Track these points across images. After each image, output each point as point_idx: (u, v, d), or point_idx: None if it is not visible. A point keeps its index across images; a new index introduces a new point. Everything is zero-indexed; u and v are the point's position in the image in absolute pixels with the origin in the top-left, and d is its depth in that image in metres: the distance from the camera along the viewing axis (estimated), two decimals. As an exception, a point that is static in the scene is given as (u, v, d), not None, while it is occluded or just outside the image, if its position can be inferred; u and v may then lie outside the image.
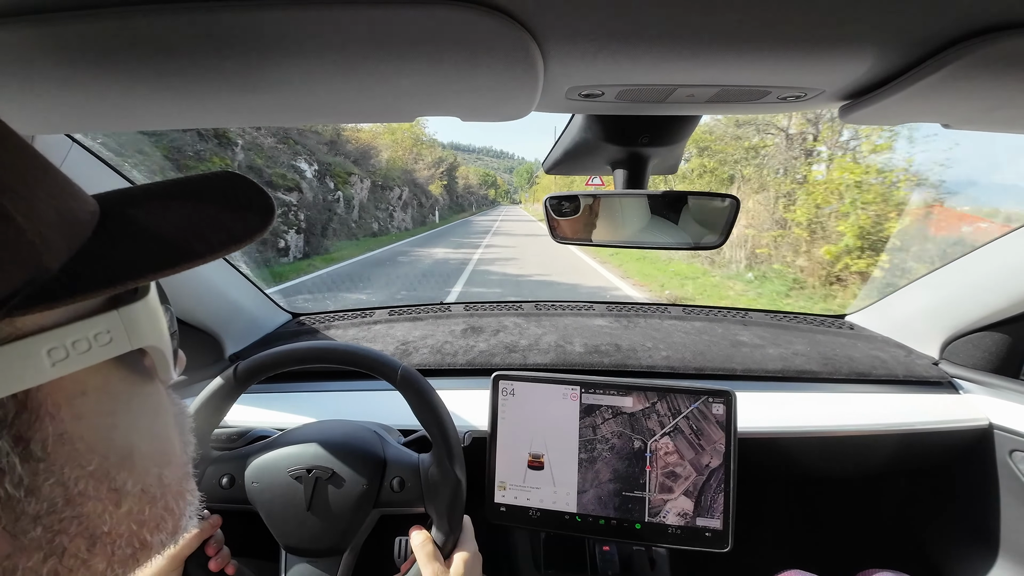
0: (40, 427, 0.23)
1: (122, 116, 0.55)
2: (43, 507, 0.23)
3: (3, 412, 0.22)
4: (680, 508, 0.86)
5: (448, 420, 0.75)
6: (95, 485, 0.25)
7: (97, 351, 0.25)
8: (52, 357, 0.23)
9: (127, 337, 0.26)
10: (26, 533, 0.23)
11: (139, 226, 0.27)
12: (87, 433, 0.25)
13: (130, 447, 0.28)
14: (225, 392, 0.74)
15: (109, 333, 0.25)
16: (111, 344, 0.26)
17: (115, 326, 0.26)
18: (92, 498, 0.25)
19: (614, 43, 0.40)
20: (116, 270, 0.24)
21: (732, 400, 0.86)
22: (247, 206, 0.30)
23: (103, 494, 0.26)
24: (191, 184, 0.30)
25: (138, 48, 0.39)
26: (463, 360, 1.15)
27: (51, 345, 0.23)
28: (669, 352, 1.17)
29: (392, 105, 0.54)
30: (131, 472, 0.27)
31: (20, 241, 0.21)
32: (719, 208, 0.78)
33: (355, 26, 0.36)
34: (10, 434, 0.22)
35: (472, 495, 0.79)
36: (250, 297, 1.21)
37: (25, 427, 0.22)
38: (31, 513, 0.23)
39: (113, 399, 0.27)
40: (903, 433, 1.04)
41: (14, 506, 0.22)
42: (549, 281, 9.74)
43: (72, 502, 0.24)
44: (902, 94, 0.46)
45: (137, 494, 0.27)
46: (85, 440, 0.25)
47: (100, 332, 0.25)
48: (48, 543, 0.23)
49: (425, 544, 0.70)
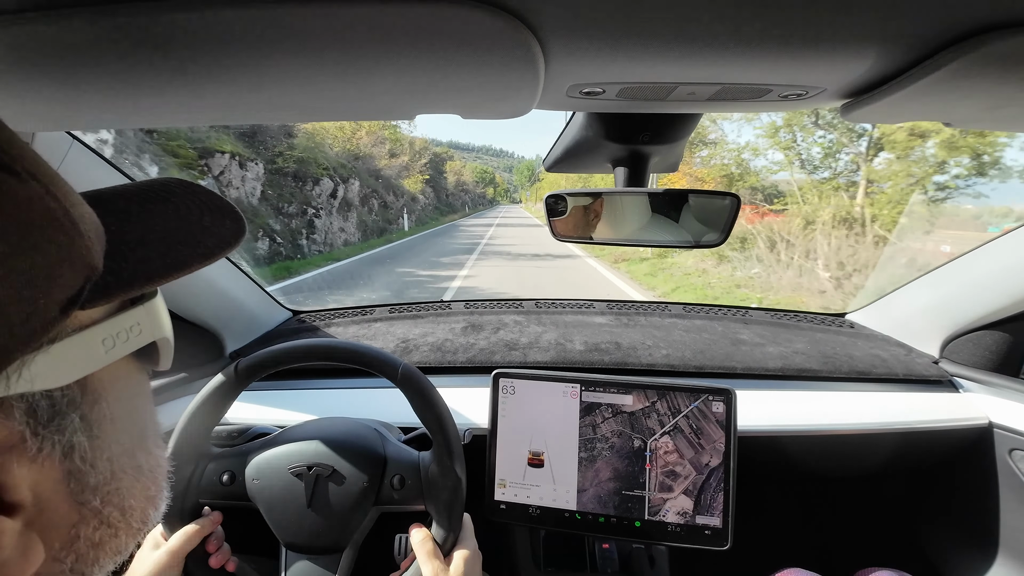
0: (96, 408, 0.26)
1: (123, 113, 0.55)
2: (100, 479, 0.27)
3: (72, 395, 0.25)
4: (680, 507, 0.86)
5: (448, 418, 0.75)
6: (127, 462, 0.29)
7: (132, 342, 0.29)
8: (105, 346, 0.26)
9: (151, 330, 0.30)
10: (88, 503, 0.26)
11: (141, 231, 0.29)
12: (122, 415, 0.29)
13: (144, 429, 0.32)
14: (226, 389, 0.75)
15: (139, 326, 0.29)
16: (140, 336, 0.29)
17: (144, 319, 0.29)
18: (126, 473, 0.29)
19: (615, 41, 0.40)
20: (151, 267, 0.28)
21: (732, 398, 0.86)
22: (219, 212, 0.34)
23: (131, 471, 0.29)
24: (155, 190, 0.33)
25: (139, 45, 0.39)
26: (463, 358, 1.15)
27: (104, 335, 0.26)
28: (669, 350, 1.17)
29: (392, 102, 0.54)
30: (145, 452, 0.31)
31: (81, 244, 0.23)
32: (720, 206, 0.78)
33: (356, 23, 0.36)
34: (78, 414, 0.25)
35: (472, 493, 0.79)
36: (250, 295, 1.21)
37: (88, 408, 0.26)
38: (92, 484, 0.26)
39: (134, 385, 0.31)
40: (903, 432, 1.04)
41: (81, 478, 0.25)
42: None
43: (115, 476, 0.28)
44: (903, 92, 0.46)
45: (148, 472, 0.31)
46: (120, 421, 0.28)
47: (134, 325, 0.29)
48: (99, 512, 0.27)
49: (425, 542, 0.70)
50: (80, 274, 0.23)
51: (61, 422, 0.24)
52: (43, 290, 0.21)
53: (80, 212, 0.23)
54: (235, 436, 0.83)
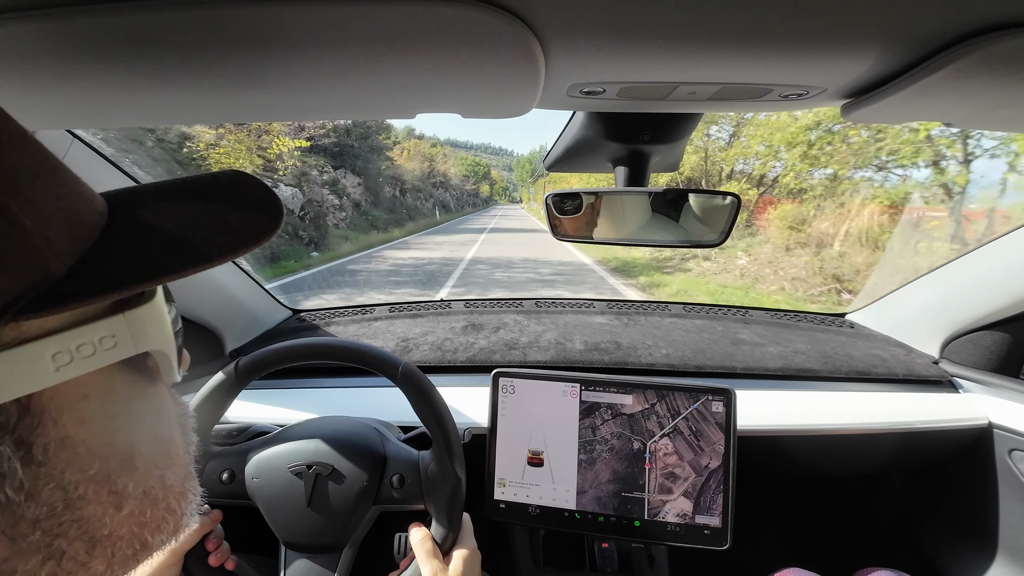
0: (42, 431, 0.23)
1: (124, 111, 0.55)
2: (42, 511, 0.23)
3: (5, 416, 0.22)
4: (679, 509, 0.86)
5: (448, 417, 0.75)
6: (95, 489, 0.25)
7: (101, 355, 0.25)
8: (56, 361, 0.23)
9: (132, 341, 0.26)
10: (25, 537, 0.23)
11: (146, 228, 0.27)
12: (89, 437, 0.25)
13: (132, 450, 0.27)
14: (226, 388, 0.75)
15: (114, 337, 0.25)
16: (116, 348, 0.25)
17: (120, 330, 0.26)
18: (92, 502, 0.25)
19: (616, 40, 0.40)
20: (122, 274, 0.24)
21: (732, 398, 0.86)
22: (256, 207, 0.30)
23: (103, 497, 0.26)
24: (199, 183, 0.30)
25: (140, 43, 0.39)
26: (463, 357, 1.15)
27: (55, 349, 0.23)
28: (669, 350, 1.17)
29: (393, 101, 0.54)
30: (132, 475, 0.27)
31: (26, 244, 0.20)
32: (720, 206, 0.78)
33: (357, 22, 0.36)
34: (12, 439, 0.22)
35: (472, 492, 0.79)
36: (251, 293, 1.21)
37: (27, 431, 0.22)
38: (30, 517, 0.23)
39: (116, 402, 0.27)
40: (903, 432, 1.04)
41: (13, 510, 0.22)
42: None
43: (72, 506, 0.24)
44: (904, 93, 0.46)
45: (139, 496, 0.27)
46: (87, 444, 0.25)
47: (105, 336, 0.25)
48: (47, 546, 0.23)
49: (424, 541, 0.70)
50: (21, 280, 0.20)
51: None
52: None
53: (39, 209, 0.21)
54: (235, 434, 0.83)
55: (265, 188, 0.31)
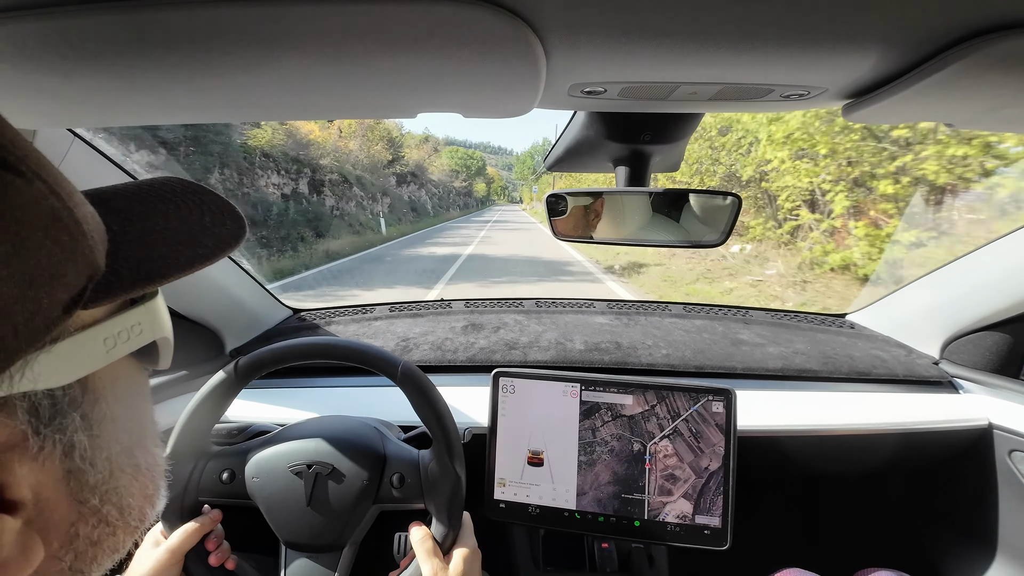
0: (96, 408, 0.27)
1: (124, 111, 0.55)
2: (99, 478, 0.27)
3: (73, 394, 0.25)
4: (679, 511, 0.86)
5: (448, 416, 0.75)
6: (126, 461, 0.29)
7: (134, 340, 0.29)
8: (107, 345, 0.26)
9: (151, 330, 0.30)
10: (87, 502, 0.26)
11: (140, 232, 0.29)
12: (122, 414, 0.29)
13: (143, 428, 0.32)
14: (226, 387, 0.75)
15: (140, 325, 0.29)
16: (141, 335, 0.29)
17: (144, 319, 0.29)
18: (125, 472, 0.29)
19: (617, 40, 0.40)
20: (148, 270, 0.27)
21: (732, 398, 0.86)
22: (218, 211, 0.33)
23: (129, 469, 0.29)
24: (156, 190, 0.32)
25: (140, 43, 0.39)
26: (464, 357, 1.15)
27: (106, 335, 0.26)
28: (669, 350, 1.17)
29: (394, 101, 0.54)
30: (143, 451, 0.31)
31: (85, 244, 0.23)
32: (721, 206, 0.78)
33: (358, 21, 0.36)
34: (79, 413, 0.25)
35: (472, 492, 0.79)
36: (251, 293, 1.21)
37: (89, 407, 0.26)
38: (91, 483, 0.26)
39: (133, 385, 0.31)
40: (903, 432, 1.04)
41: (80, 477, 0.25)
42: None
43: (114, 475, 0.28)
44: (905, 93, 0.46)
45: (146, 471, 0.31)
46: (120, 420, 0.28)
47: (135, 324, 0.29)
48: (98, 511, 0.27)
49: (425, 540, 0.70)
50: (83, 274, 0.23)
51: (63, 421, 0.24)
52: (47, 290, 0.21)
53: (83, 212, 0.23)
54: (235, 434, 0.83)
55: (215, 194, 0.34)
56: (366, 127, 29.17)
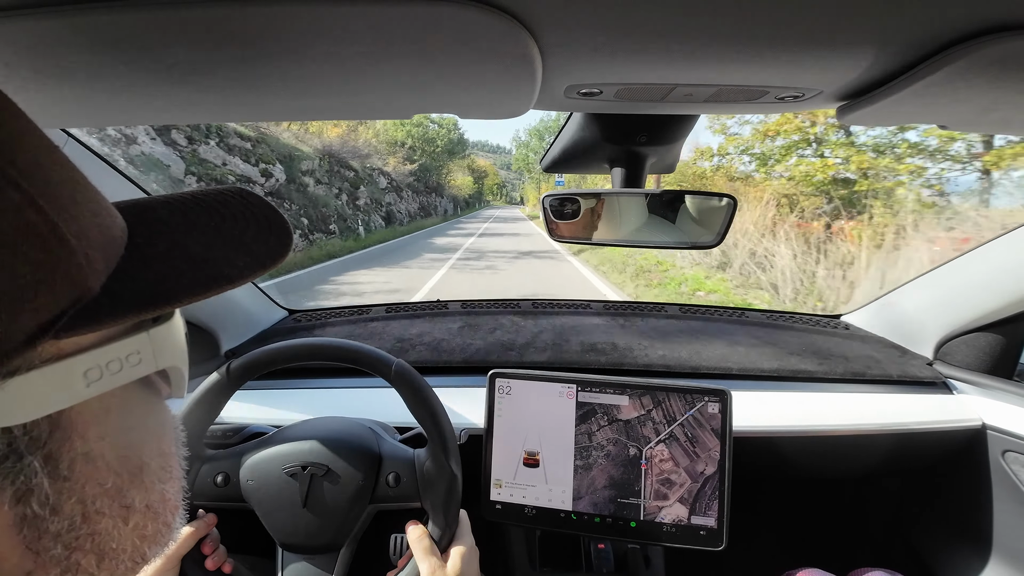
0: (69, 447, 0.23)
1: (120, 111, 0.55)
2: (64, 525, 0.23)
3: (37, 432, 0.22)
4: (675, 515, 0.86)
5: (443, 414, 0.75)
6: (109, 503, 0.25)
7: (128, 371, 0.25)
8: (88, 378, 0.23)
9: (154, 358, 0.27)
10: (48, 551, 0.23)
11: (167, 245, 0.27)
12: (107, 451, 0.25)
13: (141, 465, 0.28)
14: (220, 389, 0.74)
15: (139, 354, 0.26)
16: (140, 365, 0.26)
17: (144, 347, 0.26)
18: (106, 516, 0.25)
19: (613, 42, 0.40)
20: (153, 293, 0.24)
21: (728, 399, 0.87)
22: (266, 226, 0.31)
23: (115, 511, 0.26)
24: (208, 199, 0.30)
25: (137, 43, 0.38)
26: (460, 358, 1.15)
27: (88, 366, 0.23)
28: (665, 351, 1.18)
29: (390, 101, 0.54)
30: (140, 489, 0.28)
31: (71, 262, 0.20)
32: (716, 208, 0.78)
33: (353, 23, 0.36)
34: (42, 454, 0.22)
35: (468, 493, 0.79)
36: (246, 293, 1.21)
37: (56, 446, 0.23)
38: (53, 531, 0.23)
39: (131, 417, 0.27)
40: (897, 433, 1.04)
41: (38, 524, 0.22)
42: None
43: (89, 520, 0.24)
44: (899, 95, 0.47)
45: (143, 510, 0.28)
46: (105, 458, 0.25)
47: (131, 353, 0.25)
48: (65, 559, 0.24)
49: (422, 539, 0.70)
50: (64, 297, 0.20)
51: (16, 464, 0.21)
52: (6, 315, 0.18)
53: (81, 226, 0.21)
54: (229, 436, 0.82)
55: (270, 206, 0.32)
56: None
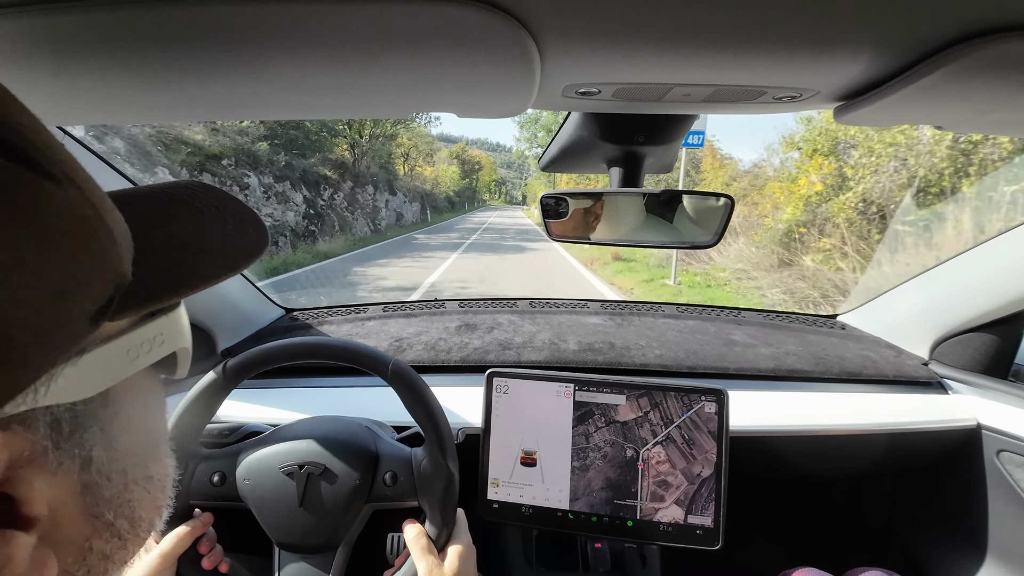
0: (116, 420, 0.26)
1: (117, 109, 0.55)
2: (114, 492, 0.26)
3: (94, 407, 0.24)
4: (671, 516, 0.86)
5: (440, 413, 0.75)
6: (140, 473, 0.28)
7: (156, 351, 0.28)
8: (129, 356, 0.26)
9: (173, 340, 0.30)
10: (102, 516, 0.25)
11: (163, 238, 0.28)
12: (138, 426, 0.28)
13: (157, 439, 0.31)
14: (216, 388, 0.74)
15: (163, 335, 0.28)
16: (164, 345, 0.29)
17: (167, 330, 0.29)
18: (138, 485, 0.28)
19: (611, 41, 0.40)
20: (173, 279, 0.27)
21: (725, 399, 0.87)
22: (240, 220, 0.32)
23: (142, 481, 0.28)
24: (178, 193, 0.31)
25: (134, 40, 0.38)
26: (457, 357, 1.15)
27: (129, 346, 0.26)
28: (662, 351, 1.18)
29: (388, 100, 0.54)
30: (156, 462, 0.30)
31: (113, 251, 0.22)
32: (714, 207, 0.78)
33: (352, 21, 0.36)
34: (99, 426, 0.24)
35: (465, 493, 0.79)
36: (243, 292, 1.21)
37: (108, 420, 0.25)
38: (107, 497, 0.25)
39: (150, 395, 0.30)
40: (892, 432, 1.05)
41: (96, 491, 0.25)
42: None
43: (128, 488, 0.27)
44: (896, 96, 0.47)
45: (157, 481, 0.30)
46: (137, 432, 0.28)
47: (157, 335, 0.28)
48: (112, 525, 0.26)
49: (419, 538, 0.70)
50: (110, 284, 0.22)
51: (83, 435, 0.23)
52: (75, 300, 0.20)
53: (113, 218, 0.22)
54: (226, 434, 0.82)
55: (236, 199, 0.33)
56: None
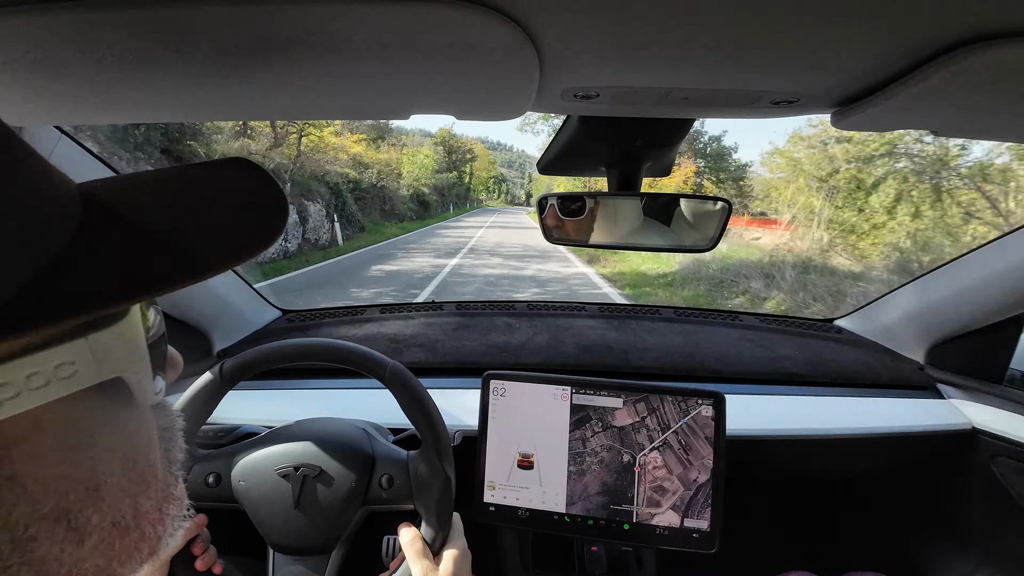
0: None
1: (114, 108, 0.55)
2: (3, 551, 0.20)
3: None
4: (667, 522, 0.86)
5: (437, 416, 0.75)
6: (49, 527, 0.22)
7: (56, 385, 0.21)
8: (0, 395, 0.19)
9: (95, 367, 0.22)
10: None
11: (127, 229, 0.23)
12: (43, 472, 0.22)
13: (97, 481, 0.24)
14: (212, 389, 0.74)
15: (74, 364, 0.21)
16: (74, 377, 0.22)
17: (81, 355, 0.22)
18: (46, 541, 0.22)
19: (610, 46, 0.40)
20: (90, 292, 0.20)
21: (721, 402, 0.87)
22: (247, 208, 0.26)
23: (60, 535, 0.22)
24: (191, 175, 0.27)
25: (131, 41, 0.38)
26: (454, 359, 1.15)
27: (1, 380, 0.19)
28: (660, 354, 1.18)
29: (387, 102, 0.54)
30: (97, 507, 0.24)
31: None
32: (711, 211, 0.78)
33: (350, 23, 0.36)
34: None
35: (462, 495, 0.78)
36: (239, 293, 1.20)
37: None
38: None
39: (78, 432, 0.23)
40: (888, 436, 1.05)
41: None
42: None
43: (21, 547, 0.21)
44: (893, 101, 0.47)
45: (106, 527, 0.24)
46: (39, 480, 0.21)
47: (63, 363, 0.21)
48: None
49: (414, 541, 0.70)
50: None
51: None
52: None
53: None
54: (221, 436, 0.82)
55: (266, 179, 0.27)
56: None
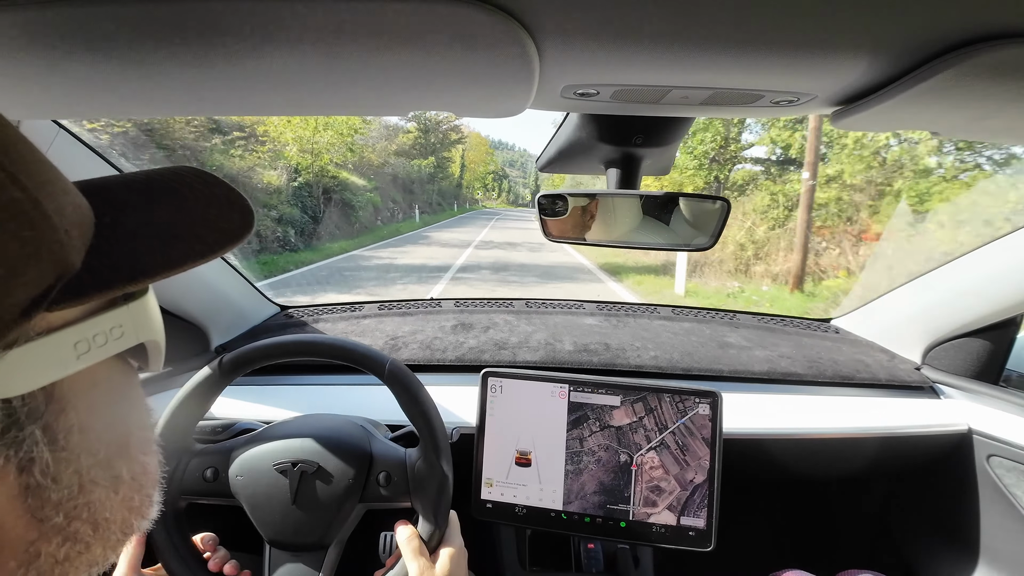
0: (64, 418, 0.24)
1: (112, 103, 0.55)
2: (64, 494, 0.25)
3: (35, 404, 0.23)
4: (663, 522, 0.87)
5: (435, 414, 0.75)
6: (102, 473, 0.27)
7: (112, 344, 0.26)
8: (78, 350, 0.24)
9: (135, 332, 0.28)
10: (50, 520, 0.24)
11: (135, 223, 0.27)
12: (97, 423, 0.26)
13: (127, 437, 0.29)
14: (210, 384, 0.74)
15: (121, 327, 0.27)
16: (122, 338, 0.27)
17: (126, 321, 0.27)
18: (99, 485, 0.26)
19: (610, 43, 0.40)
20: (131, 267, 0.26)
21: (718, 401, 0.87)
22: (227, 205, 0.31)
23: (107, 482, 0.27)
24: (165, 179, 0.31)
25: (130, 35, 0.38)
26: (452, 356, 1.15)
27: (77, 339, 0.24)
28: (657, 352, 1.18)
29: (386, 98, 0.54)
30: (126, 461, 0.29)
31: (54, 239, 0.21)
32: (710, 210, 0.78)
33: (351, 19, 0.36)
34: (40, 424, 0.23)
35: (459, 492, 0.78)
36: (238, 288, 1.20)
37: (52, 418, 0.24)
38: (54, 500, 0.24)
39: (115, 391, 0.29)
40: (885, 436, 1.05)
41: (41, 494, 0.24)
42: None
43: (84, 489, 0.26)
44: (893, 101, 0.47)
45: (129, 481, 0.29)
46: (95, 430, 0.26)
47: (115, 327, 0.26)
48: (65, 528, 0.25)
49: (411, 539, 0.70)
50: (50, 272, 0.21)
51: (19, 434, 0.22)
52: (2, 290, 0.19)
53: (58, 203, 0.22)
54: (219, 431, 0.82)
55: (227, 184, 0.32)
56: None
